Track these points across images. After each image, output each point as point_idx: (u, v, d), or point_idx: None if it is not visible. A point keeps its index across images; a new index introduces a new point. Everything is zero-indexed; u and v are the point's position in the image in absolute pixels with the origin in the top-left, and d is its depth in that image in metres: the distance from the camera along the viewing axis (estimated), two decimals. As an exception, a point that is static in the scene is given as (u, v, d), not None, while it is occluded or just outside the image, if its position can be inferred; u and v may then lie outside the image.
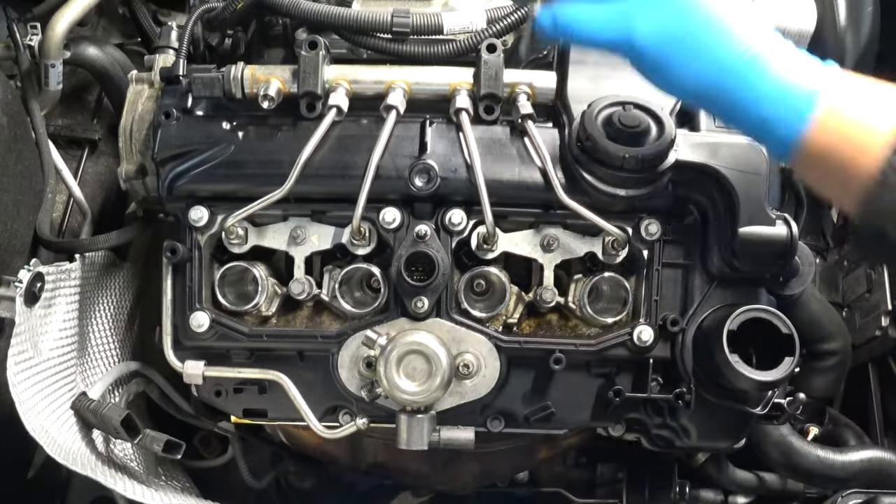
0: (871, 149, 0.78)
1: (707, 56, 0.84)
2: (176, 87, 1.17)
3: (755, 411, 1.16)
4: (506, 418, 1.21)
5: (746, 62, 0.83)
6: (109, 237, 1.31)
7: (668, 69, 0.87)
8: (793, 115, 0.82)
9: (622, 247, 1.15)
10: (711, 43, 0.84)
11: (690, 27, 0.85)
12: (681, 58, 0.86)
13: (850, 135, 0.80)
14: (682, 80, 0.87)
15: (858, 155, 0.79)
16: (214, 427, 1.48)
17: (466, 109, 1.11)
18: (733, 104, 0.85)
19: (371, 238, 1.15)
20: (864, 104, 0.80)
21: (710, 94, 0.86)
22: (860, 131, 0.79)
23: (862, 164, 0.79)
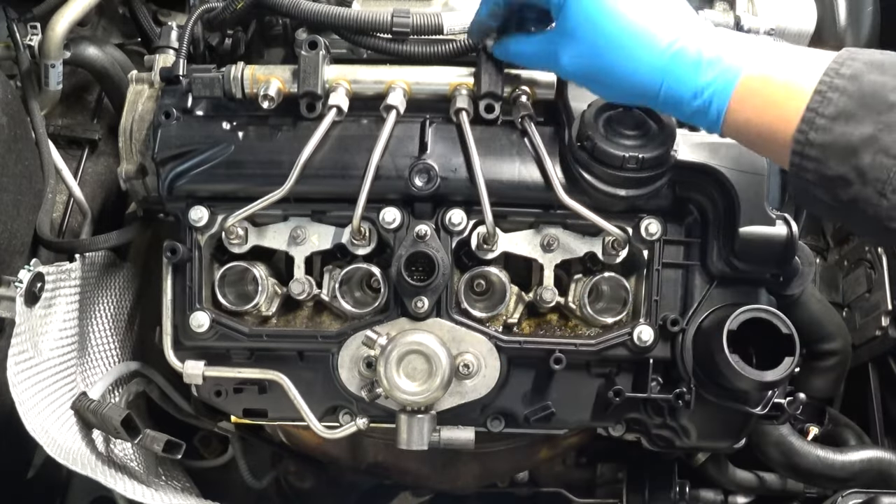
0: (789, 113, 0.84)
1: (626, 67, 0.93)
2: (176, 87, 1.17)
3: (755, 411, 1.16)
4: (506, 418, 1.21)
5: (667, 61, 0.90)
6: (109, 237, 1.31)
7: (596, 84, 0.98)
8: (715, 95, 0.88)
9: (622, 247, 1.15)
10: (628, 55, 0.92)
11: (605, 47, 0.94)
12: (603, 75, 0.95)
13: (767, 103, 0.86)
14: (611, 91, 0.97)
15: (778, 120, 0.85)
16: (214, 427, 1.48)
17: (466, 109, 1.11)
18: (664, 99, 0.92)
19: (371, 238, 1.15)
20: (781, 71, 0.86)
21: (642, 96, 0.94)
22: (777, 98, 0.85)
23: (782, 129, 0.84)
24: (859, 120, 0.80)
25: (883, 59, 0.82)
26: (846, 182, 0.81)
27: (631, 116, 1.07)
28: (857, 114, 0.80)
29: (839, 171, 0.81)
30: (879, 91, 0.79)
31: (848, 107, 0.80)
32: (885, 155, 0.78)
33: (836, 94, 0.81)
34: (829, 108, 0.81)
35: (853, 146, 0.79)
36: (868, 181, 0.79)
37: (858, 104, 0.80)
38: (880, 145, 0.78)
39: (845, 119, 0.80)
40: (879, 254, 1.56)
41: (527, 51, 1.05)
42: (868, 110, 0.79)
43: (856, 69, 0.81)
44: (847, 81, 0.81)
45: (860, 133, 0.79)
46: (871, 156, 0.79)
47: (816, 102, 0.81)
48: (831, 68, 0.82)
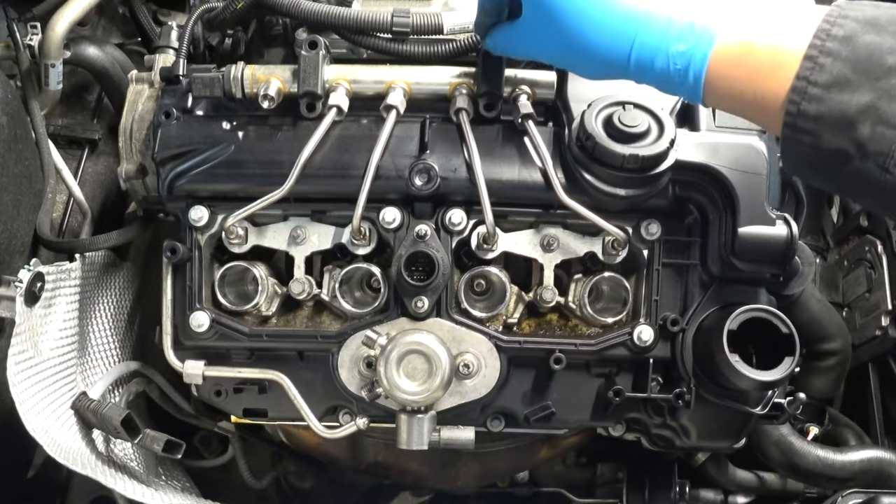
0: (777, 82, 0.78)
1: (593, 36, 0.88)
2: (176, 87, 1.17)
3: (755, 411, 1.16)
4: (506, 418, 1.21)
5: (634, 26, 0.86)
6: (109, 237, 1.31)
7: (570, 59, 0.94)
8: (691, 62, 0.83)
9: (622, 247, 1.15)
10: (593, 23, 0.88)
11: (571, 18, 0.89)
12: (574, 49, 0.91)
13: (751, 70, 0.80)
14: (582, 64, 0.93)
15: (765, 89, 0.79)
16: (214, 427, 1.48)
17: (466, 109, 1.11)
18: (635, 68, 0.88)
19: (371, 238, 1.15)
20: (764, 34, 0.80)
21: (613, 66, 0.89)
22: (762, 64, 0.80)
23: (771, 97, 0.79)
24: (855, 87, 0.73)
25: (878, 15, 0.75)
26: (845, 156, 0.75)
27: (631, 116, 1.07)
28: (853, 80, 0.73)
29: (837, 145, 0.75)
30: (875, 53, 0.73)
31: (843, 73, 0.74)
32: (885, 126, 0.72)
33: (829, 58, 0.74)
34: (822, 76, 0.75)
35: (850, 117, 0.73)
36: (868, 155, 0.73)
37: (854, 69, 0.73)
38: (880, 115, 0.72)
39: (840, 87, 0.74)
40: (879, 254, 1.56)
41: (511, 40, 1.02)
42: (865, 76, 0.73)
43: (849, 29, 0.75)
44: (840, 44, 0.74)
45: (857, 102, 0.73)
46: (870, 127, 0.73)
47: (807, 69, 0.75)
48: (822, 29, 0.76)
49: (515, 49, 1.03)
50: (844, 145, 0.74)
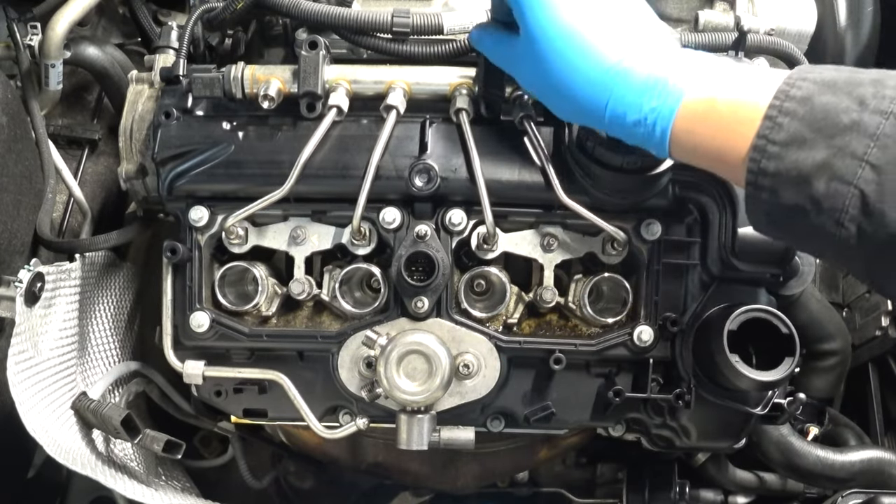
0: (739, 138, 0.81)
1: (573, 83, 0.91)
2: (176, 87, 1.17)
3: (755, 411, 1.16)
4: (506, 418, 1.21)
5: (613, 79, 0.88)
6: (110, 237, 1.31)
7: (547, 98, 0.97)
8: (659, 118, 0.86)
9: (622, 247, 1.15)
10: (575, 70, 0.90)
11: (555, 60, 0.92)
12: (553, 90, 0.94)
13: (715, 127, 0.83)
14: (560, 107, 0.96)
15: (728, 145, 0.82)
16: (214, 427, 1.48)
17: (466, 109, 1.11)
18: (609, 120, 0.90)
19: (371, 238, 1.15)
20: (728, 93, 0.83)
21: (589, 115, 0.92)
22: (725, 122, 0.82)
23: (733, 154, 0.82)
24: (812, 145, 0.76)
25: (836, 78, 0.78)
26: (802, 212, 0.77)
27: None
28: (809, 138, 0.76)
29: (794, 201, 0.77)
30: (831, 113, 0.75)
31: (799, 131, 0.76)
32: (839, 182, 0.74)
33: (787, 118, 0.77)
34: (781, 134, 0.77)
35: (806, 174, 0.76)
36: (824, 210, 0.76)
37: (810, 128, 0.76)
38: (834, 171, 0.75)
39: (797, 145, 0.76)
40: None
41: (493, 48, 1.04)
42: (820, 134, 0.75)
43: (807, 90, 0.78)
44: (798, 104, 0.77)
45: (813, 159, 0.75)
46: (825, 183, 0.75)
47: (767, 128, 0.78)
48: (781, 90, 0.79)
49: (495, 57, 1.04)
50: (801, 201, 0.77)
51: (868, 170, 0.73)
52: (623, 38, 0.90)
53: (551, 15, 0.91)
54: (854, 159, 0.74)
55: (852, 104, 0.75)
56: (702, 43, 1.23)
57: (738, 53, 1.21)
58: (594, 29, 0.90)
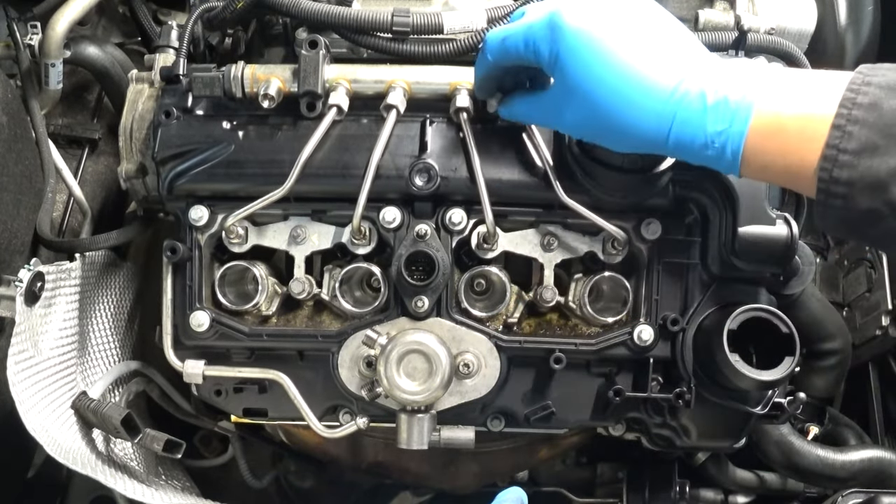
0: (808, 151, 0.80)
1: (631, 118, 0.88)
2: (176, 87, 1.17)
3: (755, 411, 1.16)
4: (506, 418, 1.21)
5: (673, 106, 0.86)
6: (110, 236, 1.31)
7: (604, 138, 0.95)
8: (729, 140, 0.85)
9: (622, 246, 1.15)
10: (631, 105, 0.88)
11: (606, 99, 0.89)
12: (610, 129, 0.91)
13: (785, 142, 0.82)
14: (619, 143, 0.93)
15: (798, 159, 0.81)
16: (215, 426, 1.48)
17: (467, 109, 1.11)
18: (673, 146, 0.88)
19: (371, 237, 1.15)
20: (794, 105, 0.82)
21: (652, 145, 0.90)
22: (794, 136, 0.81)
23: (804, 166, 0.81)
24: (884, 151, 0.76)
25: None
26: (878, 216, 0.77)
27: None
28: (882, 145, 0.76)
29: (869, 206, 0.78)
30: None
31: (871, 139, 0.76)
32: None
33: (857, 126, 0.77)
34: (851, 143, 0.77)
35: (882, 180, 0.76)
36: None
37: (881, 134, 0.76)
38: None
39: (870, 152, 0.76)
40: (880, 253, 1.56)
41: (530, 111, 1.02)
42: (893, 140, 0.75)
43: (873, 96, 0.77)
44: (866, 111, 0.77)
45: (888, 165, 0.75)
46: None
47: (836, 138, 0.78)
48: (847, 98, 0.78)
49: (536, 119, 1.04)
50: (877, 206, 0.77)
51: None
52: (673, 62, 0.88)
53: (593, 58, 0.88)
54: None
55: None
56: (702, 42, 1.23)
57: (738, 53, 1.21)
58: (642, 59, 0.88)
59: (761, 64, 0.90)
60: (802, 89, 0.83)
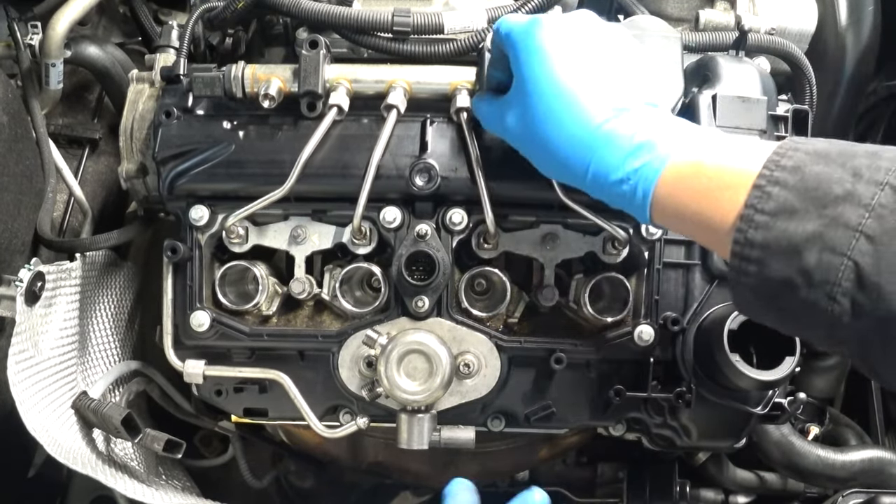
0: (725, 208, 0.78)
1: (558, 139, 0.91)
2: (176, 87, 1.17)
3: (756, 411, 1.16)
4: (506, 418, 1.21)
5: (598, 139, 0.88)
6: (110, 236, 1.31)
7: (531, 153, 0.97)
8: (641, 180, 0.85)
9: (623, 246, 1.15)
10: (561, 127, 0.90)
11: (542, 114, 0.91)
12: (537, 145, 0.94)
13: (700, 194, 0.81)
14: (543, 163, 0.96)
15: (713, 214, 0.80)
16: (215, 426, 1.48)
17: (467, 109, 1.11)
18: (591, 179, 0.90)
19: (372, 237, 1.15)
20: (717, 161, 0.81)
21: (571, 174, 0.92)
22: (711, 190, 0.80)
23: (718, 224, 0.79)
24: (802, 215, 0.73)
25: (828, 149, 0.76)
26: (792, 286, 0.73)
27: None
28: (800, 208, 0.73)
29: (783, 274, 0.74)
30: (824, 182, 0.72)
31: (789, 201, 0.73)
32: (831, 253, 0.71)
33: (777, 187, 0.74)
34: (770, 204, 0.74)
35: (796, 244, 0.72)
36: (815, 283, 0.72)
37: (801, 198, 0.73)
38: (825, 242, 0.71)
39: (787, 215, 0.73)
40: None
41: (486, 109, 1.04)
42: (812, 204, 0.72)
43: (798, 160, 0.75)
44: (788, 173, 0.75)
45: (804, 230, 0.72)
46: (816, 254, 0.71)
47: (755, 197, 0.75)
48: (771, 160, 0.76)
49: (486, 117, 1.05)
50: (791, 274, 0.73)
51: (863, 241, 0.70)
52: (612, 99, 0.89)
53: (546, 67, 0.91)
54: (848, 230, 0.70)
55: (846, 175, 0.72)
56: (702, 42, 1.23)
57: (738, 53, 1.21)
58: (584, 87, 0.90)
59: (696, 126, 0.89)
60: (729, 147, 0.82)
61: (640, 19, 1.27)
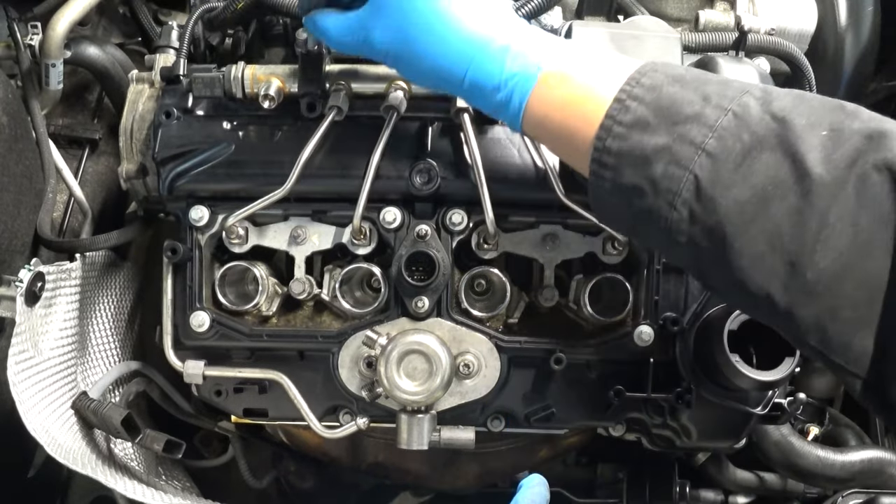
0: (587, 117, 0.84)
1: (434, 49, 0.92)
2: (176, 87, 1.17)
3: (755, 411, 1.16)
4: (506, 418, 1.21)
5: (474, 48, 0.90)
6: (110, 237, 1.31)
7: (405, 65, 0.97)
8: (517, 87, 0.89)
9: (622, 247, 1.15)
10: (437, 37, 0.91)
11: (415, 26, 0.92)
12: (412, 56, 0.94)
13: (567, 103, 0.86)
14: (418, 73, 0.96)
15: (577, 123, 0.85)
16: (215, 427, 1.48)
17: (467, 109, 1.11)
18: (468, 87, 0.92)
19: (371, 238, 1.15)
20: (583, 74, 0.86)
21: (447, 81, 0.93)
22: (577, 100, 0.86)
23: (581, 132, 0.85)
24: (654, 130, 0.79)
25: (684, 75, 0.83)
26: (640, 192, 0.81)
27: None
28: (653, 123, 0.80)
29: (633, 181, 0.81)
30: (677, 103, 0.80)
31: (645, 116, 0.80)
32: (676, 165, 0.78)
33: (635, 102, 0.81)
34: (628, 116, 0.81)
35: (647, 155, 0.79)
36: (660, 192, 0.79)
37: (655, 114, 0.80)
38: (672, 156, 0.78)
39: (641, 128, 0.80)
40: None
41: (338, 27, 0.99)
42: (664, 121, 0.79)
43: (657, 80, 0.82)
44: (646, 91, 0.81)
45: (654, 143, 0.79)
46: (663, 166, 0.79)
47: (615, 110, 0.82)
48: (633, 77, 0.83)
49: (341, 36, 1.00)
50: (640, 182, 0.80)
51: (704, 157, 0.77)
52: (490, 14, 0.92)
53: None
54: (692, 146, 0.77)
55: (697, 98, 0.79)
56: (702, 42, 1.23)
57: (738, 53, 1.21)
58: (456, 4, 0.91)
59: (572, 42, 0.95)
60: (597, 63, 0.87)
61: (640, 19, 1.27)
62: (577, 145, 0.86)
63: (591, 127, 0.83)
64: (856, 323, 0.72)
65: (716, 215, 0.77)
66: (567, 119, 0.86)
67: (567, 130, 0.87)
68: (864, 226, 0.72)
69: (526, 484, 1.00)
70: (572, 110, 0.86)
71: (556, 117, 0.87)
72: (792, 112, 0.77)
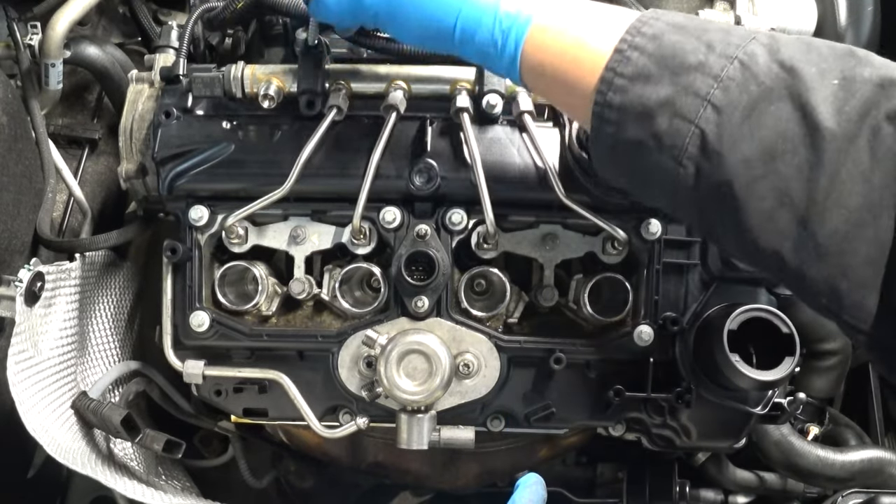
0: (586, 68, 0.81)
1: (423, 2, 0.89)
2: (176, 87, 1.17)
3: (755, 411, 1.16)
4: (506, 418, 1.21)
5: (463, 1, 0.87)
6: (110, 236, 1.31)
7: (396, 23, 0.94)
8: (510, 36, 0.86)
9: (622, 246, 1.15)
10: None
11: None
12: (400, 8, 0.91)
13: (565, 54, 0.83)
14: (409, 29, 0.93)
15: (575, 75, 0.82)
16: (214, 426, 1.48)
17: (467, 109, 1.11)
18: (459, 39, 0.89)
19: (371, 237, 1.15)
20: (580, 23, 0.83)
21: (438, 36, 0.91)
22: (574, 50, 0.82)
23: (580, 85, 0.81)
24: (657, 81, 0.76)
25: (686, 22, 0.79)
26: (644, 148, 0.77)
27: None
28: (656, 74, 0.76)
29: (637, 136, 0.77)
30: (679, 52, 0.76)
31: (647, 67, 0.76)
32: (681, 119, 0.74)
33: (636, 53, 0.77)
34: (629, 68, 0.77)
35: (650, 109, 0.76)
36: (664, 147, 0.76)
37: (657, 64, 0.76)
38: (676, 109, 0.75)
39: (643, 80, 0.76)
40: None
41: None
42: (667, 71, 0.75)
43: (658, 28, 0.78)
44: (648, 40, 0.77)
45: (657, 95, 0.75)
46: (667, 120, 0.75)
47: (616, 61, 0.78)
48: (634, 26, 0.79)
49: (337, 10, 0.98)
50: (644, 137, 0.77)
51: (710, 110, 0.73)
52: None
53: None
54: (697, 98, 0.74)
55: (700, 46, 0.76)
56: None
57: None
58: None
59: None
60: (595, 10, 0.84)
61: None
62: (575, 98, 0.83)
63: (589, 79, 0.80)
64: (868, 282, 0.69)
65: (723, 171, 0.73)
66: (565, 71, 0.83)
67: (565, 83, 0.83)
68: (876, 183, 0.68)
69: (523, 483, 0.98)
70: (570, 62, 0.82)
71: (553, 69, 0.84)
72: (801, 60, 0.73)
